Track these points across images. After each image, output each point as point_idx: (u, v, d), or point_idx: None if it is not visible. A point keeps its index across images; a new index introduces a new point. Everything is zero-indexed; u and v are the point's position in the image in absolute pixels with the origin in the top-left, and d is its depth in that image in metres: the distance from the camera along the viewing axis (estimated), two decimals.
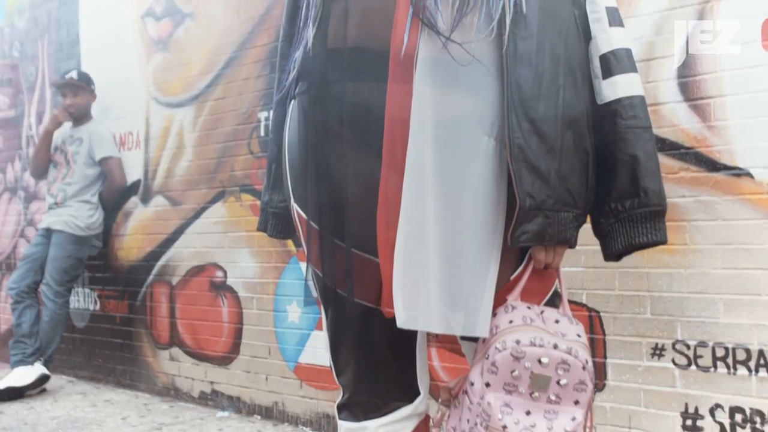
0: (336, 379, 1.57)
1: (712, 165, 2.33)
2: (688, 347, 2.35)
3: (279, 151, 1.62)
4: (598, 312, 2.54)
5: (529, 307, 1.37)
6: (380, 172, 1.31)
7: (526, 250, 1.42)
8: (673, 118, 2.41)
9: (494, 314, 1.36)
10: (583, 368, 1.31)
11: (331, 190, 1.37)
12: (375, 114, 1.31)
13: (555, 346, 1.31)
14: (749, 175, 2.26)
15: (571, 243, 1.38)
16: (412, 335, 1.48)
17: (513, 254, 1.41)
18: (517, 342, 1.31)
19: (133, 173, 4.43)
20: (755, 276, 2.24)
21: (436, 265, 1.29)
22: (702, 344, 2.33)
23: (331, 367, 1.57)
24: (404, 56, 1.29)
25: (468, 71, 1.30)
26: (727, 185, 2.30)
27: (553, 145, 1.32)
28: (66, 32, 5.01)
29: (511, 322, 1.34)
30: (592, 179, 1.41)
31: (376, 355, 1.48)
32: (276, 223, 1.73)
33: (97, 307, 4.68)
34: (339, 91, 1.36)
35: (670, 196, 2.36)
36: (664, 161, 2.40)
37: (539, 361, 1.30)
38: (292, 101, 1.49)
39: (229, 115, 3.84)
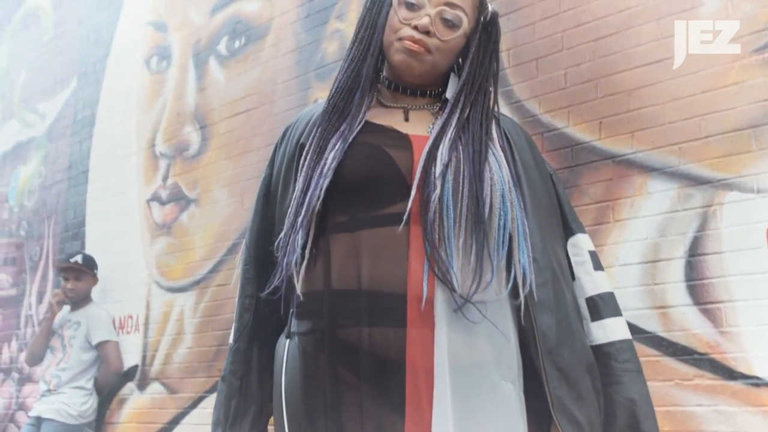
0: None
1: (728, 373, 2.24)
2: None
3: (241, 385, 1.50)
4: None
5: None
6: (402, 428, 1.24)
7: None
8: (683, 322, 2.35)
9: None
10: None
11: None
12: (394, 363, 1.26)
13: None
14: None
15: None
16: None
17: None
18: None
19: (131, 358, 4.32)
20: None
21: None
22: None
23: None
24: (425, 302, 1.26)
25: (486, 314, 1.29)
26: (746, 395, 2.20)
27: (581, 391, 1.33)
28: (73, 214, 5.08)
29: None
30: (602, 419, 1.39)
31: None
32: None
33: None
34: (352, 338, 1.29)
35: (686, 404, 2.28)
36: (678, 367, 2.32)
37: None
38: (288, 339, 1.41)
39: (231, 302, 3.79)
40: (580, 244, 1.49)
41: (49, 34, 5.78)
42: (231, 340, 1.54)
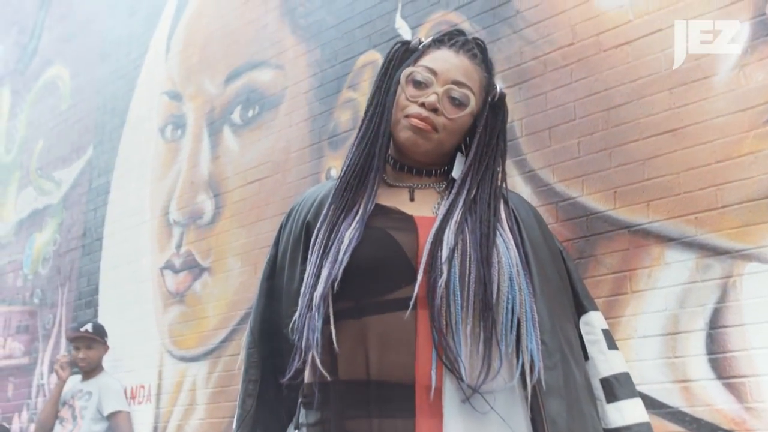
0: None
1: None
2: None
3: None
4: None
5: None
6: None
7: None
8: (706, 396, 2.28)
9: None
10: None
11: None
12: None
13: None
14: None
15: None
16: None
17: None
18: None
19: (142, 429, 4.26)
20: None
21: None
22: None
23: None
24: (433, 391, 1.23)
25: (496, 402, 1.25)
26: None
27: None
28: (87, 281, 5.08)
29: None
30: None
31: None
32: None
33: None
34: (361, 429, 1.25)
35: None
36: None
37: None
38: (296, 430, 1.37)
39: None
40: (593, 322, 1.44)
41: (67, 102, 5.89)
42: (234, 426, 1.50)
